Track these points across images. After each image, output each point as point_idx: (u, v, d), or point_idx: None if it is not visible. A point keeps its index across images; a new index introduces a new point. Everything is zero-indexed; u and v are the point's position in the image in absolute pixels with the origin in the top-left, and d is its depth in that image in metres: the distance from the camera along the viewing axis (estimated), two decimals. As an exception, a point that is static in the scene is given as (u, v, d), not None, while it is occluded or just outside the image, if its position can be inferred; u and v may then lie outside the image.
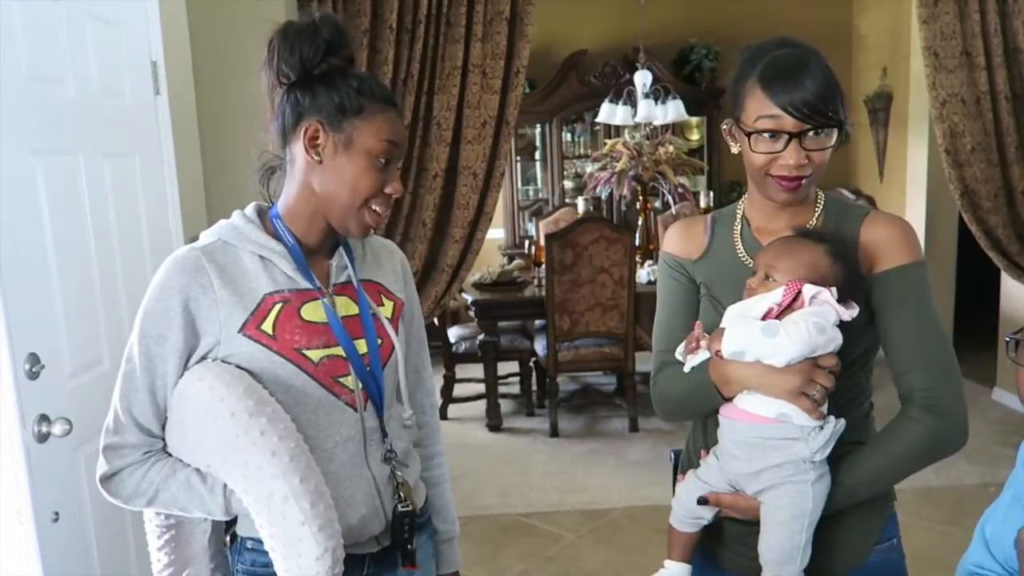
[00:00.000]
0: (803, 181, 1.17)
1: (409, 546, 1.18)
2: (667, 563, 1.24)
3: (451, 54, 3.01)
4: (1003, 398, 4.46)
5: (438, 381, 4.70)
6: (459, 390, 4.66)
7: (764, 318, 1.13)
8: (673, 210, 4.84)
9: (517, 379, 4.88)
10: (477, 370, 4.55)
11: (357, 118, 1.11)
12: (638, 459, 3.92)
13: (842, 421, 1.16)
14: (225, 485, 1.08)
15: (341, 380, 1.13)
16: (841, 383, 1.16)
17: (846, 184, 5.74)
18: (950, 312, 5.17)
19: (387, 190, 1.14)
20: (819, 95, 1.11)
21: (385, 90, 1.16)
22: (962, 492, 3.43)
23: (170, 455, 1.12)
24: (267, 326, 1.09)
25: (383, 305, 1.22)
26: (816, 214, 1.25)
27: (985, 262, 3.74)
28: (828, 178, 1.26)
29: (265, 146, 1.20)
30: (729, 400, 1.18)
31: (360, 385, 1.15)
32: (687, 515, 1.23)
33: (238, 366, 1.08)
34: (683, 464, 1.36)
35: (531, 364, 4.67)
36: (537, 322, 4.66)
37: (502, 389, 4.71)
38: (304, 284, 1.14)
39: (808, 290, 1.13)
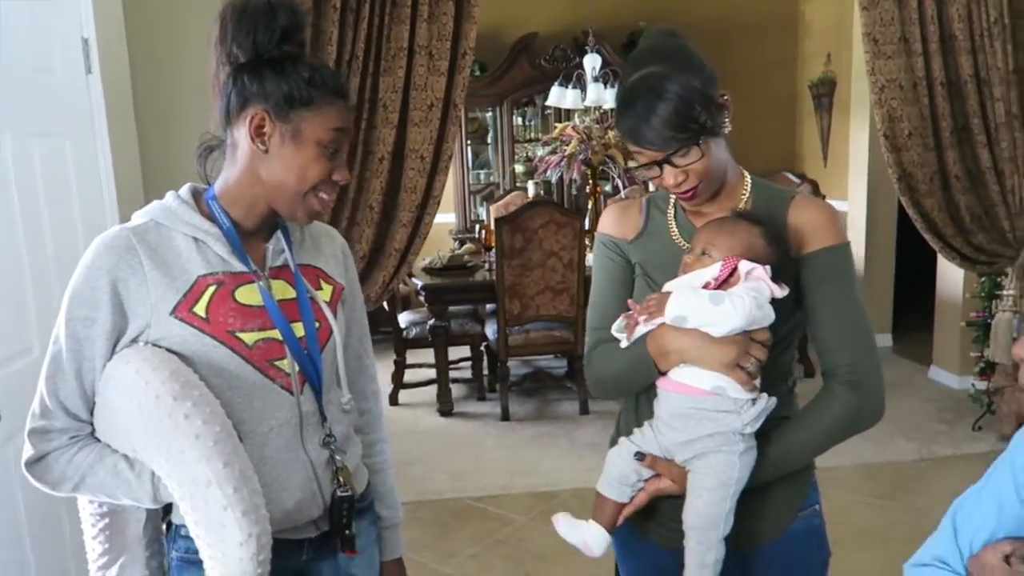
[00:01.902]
0: (696, 189, 1.22)
1: (348, 531, 1.17)
2: (591, 521, 1.26)
3: (397, 34, 2.96)
4: (938, 376, 4.62)
5: (388, 367, 4.70)
6: (410, 376, 4.64)
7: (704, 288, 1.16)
8: (623, 194, 4.87)
9: (468, 364, 4.88)
10: (428, 355, 4.54)
11: (306, 109, 1.09)
12: (589, 441, 3.96)
13: (773, 399, 1.20)
14: (154, 472, 1.05)
15: (277, 363, 1.11)
16: (769, 361, 1.19)
17: (791, 169, 5.86)
18: (890, 293, 5.33)
19: (335, 177, 1.13)
20: (666, 124, 1.15)
21: (336, 81, 1.14)
22: (900, 468, 3.55)
23: (99, 440, 1.09)
24: (199, 308, 1.07)
25: (321, 289, 1.20)
26: (744, 198, 1.29)
27: (923, 244, 3.86)
28: (774, 163, 1.31)
29: (206, 125, 1.17)
30: (664, 374, 1.21)
31: (297, 368, 1.13)
32: (617, 478, 1.25)
33: (169, 349, 1.06)
34: (614, 440, 1.38)
35: (482, 348, 4.67)
36: (488, 306, 4.66)
37: (453, 374, 4.70)
38: (239, 267, 1.12)
39: (744, 266, 1.17)
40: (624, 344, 1.25)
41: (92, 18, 2.13)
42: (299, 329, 1.14)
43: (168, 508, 1.15)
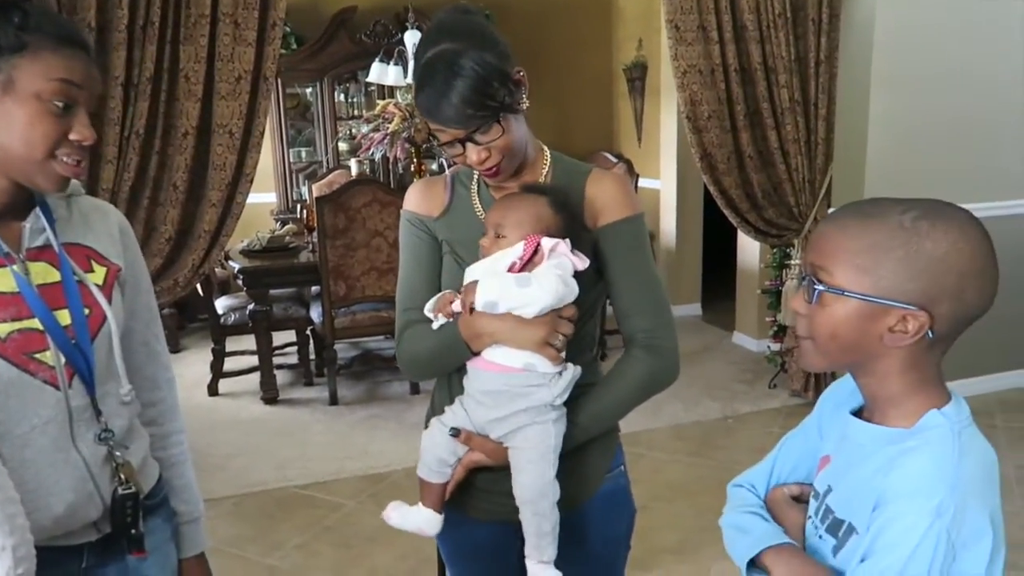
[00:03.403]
0: (499, 166, 1.23)
1: (133, 531, 1.09)
2: (420, 506, 1.28)
3: (197, 0, 2.77)
4: (740, 340, 5.03)
5: (206, 355, 4.44)
6: (230, 364, 4.41)
7: (508, 272, 1.17)
8: (447, 173, 4.87)
9: (294, 349, 4.71)
10: (250, 342, 4.34)
11: (17, 56, 0.97)
12: (418, 420, 3.86)
13: (578, 368, 1.24)
14: None
15: (37, 356, 1.01)
16: (574, 332, 1.23)
17: (609, 149, 6.11)
18: (698, 266, 5.72)
19: (72, 137, 1.01)
20: (465, 101, 1.16)
21: (61, 26, 1.02)
22: (706, 427, 3.83)
23: None
24: None
25: (92, 271, 1.10)
26: (544, 172, 1.32)
27: (726, 220, 4.15)
28: (593, 143, 1.34)
29: None
30: (477, 354, 1.22)
31: (63, 360, 1.03)
32: (434, 463, 1.26)
33: None
34: (429, 419, 1.38)
35: (308, 332, 4.53)
36: (313, 289, 4.52)
37: (278, 360, 4.53)
38: None
39: (547, 243, 1.19)
40: (435, 326, 1.24)
41: None
42: (64, 317, 1.04)
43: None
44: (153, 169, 2.83)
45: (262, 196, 5.43)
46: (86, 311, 1.06)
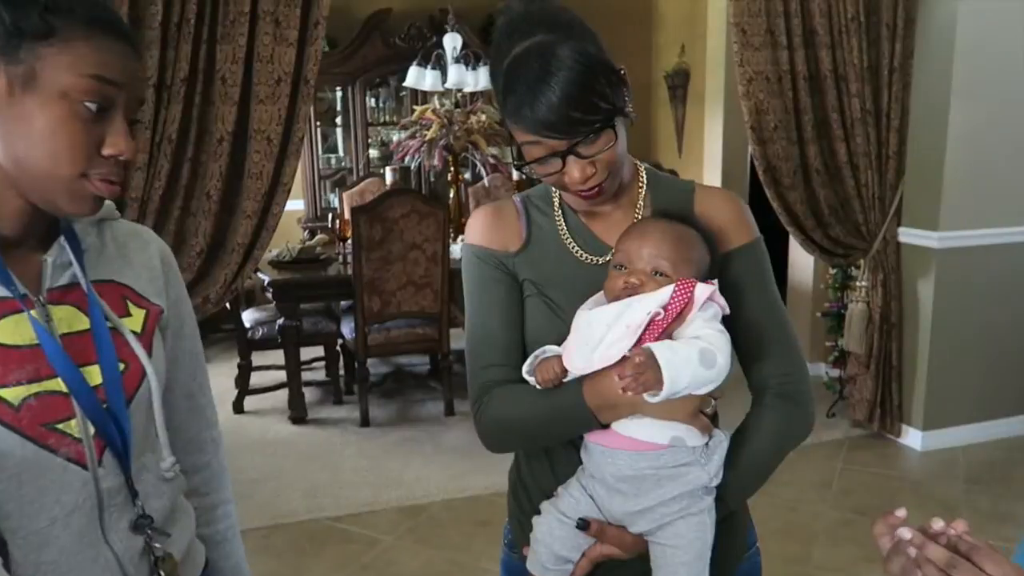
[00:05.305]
0: (603, 185, 1.00)
1: (176, 641, 0.87)
2: None
3: (236, -4, 2.57)
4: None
5: (231, 369, 4.24)
6: (257, 379, 4.21)
7: (649, 324, 0.93)
8: (485, 182, 4.67)
9: (322, 364, 4.51)
10: (277, 356, 4.13)
11: (43, 44, 0.75)
12: (455, 445, 3.73)
13: (727, 436, 1.01)
14: None
15: (60, 427, 0.79)
16: None
17: (647, 158, 5.88)
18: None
19: (105, 151, 0.78)
20: (569, 102, 0.93)
21: (97, 8, 0.79)
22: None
23: None
24: None
25: (129, 315, 0.88)
26: (641, 192, 1.09)
27: (773, 234, 3.89)
28: (631, 152, 1.09)
29: None
30: (605, 426, 0.98)
31: (92, 431, 0.81)
32: (550, 560, 1.02)
33: None
34: (516, 491, 1.15)
35: (338, 348, 4.32)
36: (343, 303, 4.32)
37: (306, 376, 4.33)
38: None
39: (702, 291, 0.94)
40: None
41: None
42: (94, 375, 0.82)
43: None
44: (185, 177, 2.62)
45: (290, 203, 5.23)
46: (121, 366, 0.84)
